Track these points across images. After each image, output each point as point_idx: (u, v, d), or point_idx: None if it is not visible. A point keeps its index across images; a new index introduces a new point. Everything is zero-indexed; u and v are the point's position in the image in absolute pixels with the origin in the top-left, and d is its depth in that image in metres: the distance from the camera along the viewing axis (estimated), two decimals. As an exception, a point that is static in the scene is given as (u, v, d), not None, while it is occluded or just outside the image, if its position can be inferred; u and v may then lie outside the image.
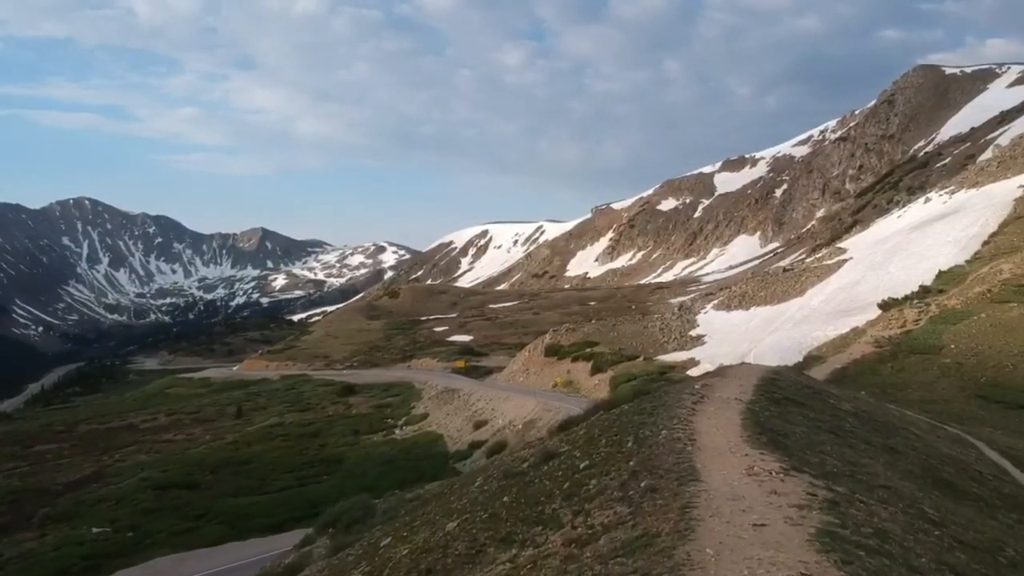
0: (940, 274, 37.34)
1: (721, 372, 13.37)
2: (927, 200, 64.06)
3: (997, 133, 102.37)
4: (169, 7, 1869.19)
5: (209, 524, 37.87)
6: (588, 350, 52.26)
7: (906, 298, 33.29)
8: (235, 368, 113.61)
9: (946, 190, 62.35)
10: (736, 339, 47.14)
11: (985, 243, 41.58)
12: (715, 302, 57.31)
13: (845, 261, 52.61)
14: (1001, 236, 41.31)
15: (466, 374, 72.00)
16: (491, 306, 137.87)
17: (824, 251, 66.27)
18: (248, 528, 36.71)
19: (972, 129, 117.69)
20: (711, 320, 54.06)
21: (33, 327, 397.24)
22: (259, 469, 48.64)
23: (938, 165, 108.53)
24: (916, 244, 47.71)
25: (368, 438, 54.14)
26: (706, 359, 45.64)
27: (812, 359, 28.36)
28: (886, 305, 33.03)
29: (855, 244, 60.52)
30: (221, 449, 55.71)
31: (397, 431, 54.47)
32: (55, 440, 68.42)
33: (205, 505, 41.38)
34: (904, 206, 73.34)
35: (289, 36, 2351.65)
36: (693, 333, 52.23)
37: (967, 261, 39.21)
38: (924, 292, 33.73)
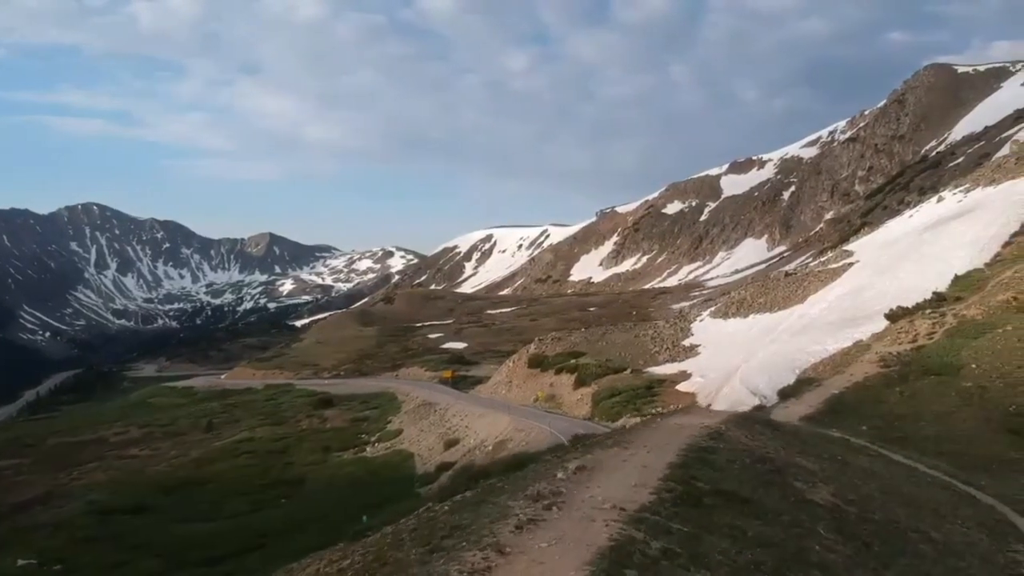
0: (956, 279, 33.28)
1: (632, 435, 9.40)
2: (940, 199, 59.81)
3: (1013, 131, 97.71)
4: (171, 12, 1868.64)
5: (143, 558, 34.31)
6: (573, 362, 48.52)
7: (918, 307, 29.25)
8: (222, 377, 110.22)
9: (960, 188, 58.13)
10: (732, 350, 43.16)
11: (1006, 244, 37.55)
12: (711, 309, 53.32)
13: (851, 265, 48.55)
14: (1024, 237, 37.27)
15: (453, 384, 68.53)
16: (488, 312, 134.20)
17: (830, 254, 62.13)
18: (184, 562, 33.18)
19: (986, 128, 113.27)
20: (706, 329, 50.10)
21: (40, 332, 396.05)
22: (215, 491, 45.14)
23: (951, 165, 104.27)
24: (929, 246, 43.65)
25: (338, 456, 50.58)
26: (698, 372, 41.81)
27: (805, 382, 24.33)
28: (894, 315, 28.96)
29: (863, 246, 56.39)
30: (182, 467, 52.30)
31: (368, 448, 50.87)
32: (19, 455, 65.03)
33: (146, 534, 37.91)
34: (915, 206, 69.09)
35: (293, 42, 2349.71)
36: (686, 343, 48.32)
37: (986, 264, 35.17)
38: (939, 300, 29.64)
